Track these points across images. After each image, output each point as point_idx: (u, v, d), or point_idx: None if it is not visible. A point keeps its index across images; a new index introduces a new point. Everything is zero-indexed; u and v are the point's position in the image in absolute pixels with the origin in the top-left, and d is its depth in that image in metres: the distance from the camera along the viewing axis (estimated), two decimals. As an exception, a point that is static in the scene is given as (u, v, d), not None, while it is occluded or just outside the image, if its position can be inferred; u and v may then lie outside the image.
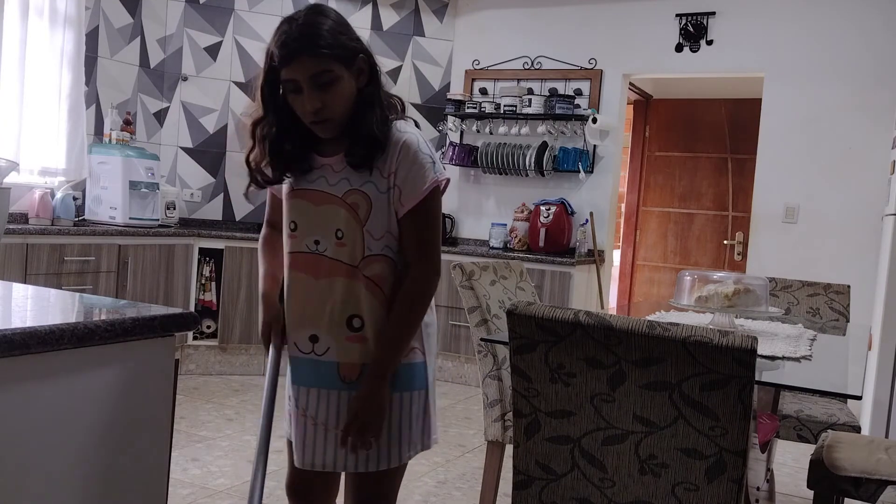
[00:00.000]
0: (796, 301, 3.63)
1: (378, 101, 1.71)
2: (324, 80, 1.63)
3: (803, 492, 3.53)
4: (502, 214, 5.74)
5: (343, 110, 1.68)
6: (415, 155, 1.69)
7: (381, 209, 1.71)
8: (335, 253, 1.73)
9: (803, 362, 2.20)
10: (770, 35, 4.99)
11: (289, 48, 1.63)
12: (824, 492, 2.14)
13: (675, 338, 1.55)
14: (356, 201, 1.70)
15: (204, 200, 5.55)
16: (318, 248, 1.74)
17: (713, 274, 2.64)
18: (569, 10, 5.59)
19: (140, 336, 1.36)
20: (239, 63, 5.53)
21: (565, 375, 1.70)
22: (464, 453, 3.81)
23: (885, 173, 4.44)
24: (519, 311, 1.72)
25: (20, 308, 1.47)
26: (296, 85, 1.65)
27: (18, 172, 4.33)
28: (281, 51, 1.64)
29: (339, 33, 1.66)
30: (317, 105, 1.65)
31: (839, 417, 2.99)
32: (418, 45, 5.84)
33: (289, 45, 1.64)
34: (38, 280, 4.00)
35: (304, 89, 1.64)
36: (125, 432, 1.36)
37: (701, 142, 6.43)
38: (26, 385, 1.20)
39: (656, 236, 6.64)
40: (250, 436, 3.87)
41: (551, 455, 1.75)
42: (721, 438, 1.57)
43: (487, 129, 5.68)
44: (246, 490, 3.17)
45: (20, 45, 4.39)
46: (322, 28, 1.64)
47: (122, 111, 5.05)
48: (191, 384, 4.76)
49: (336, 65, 1.64)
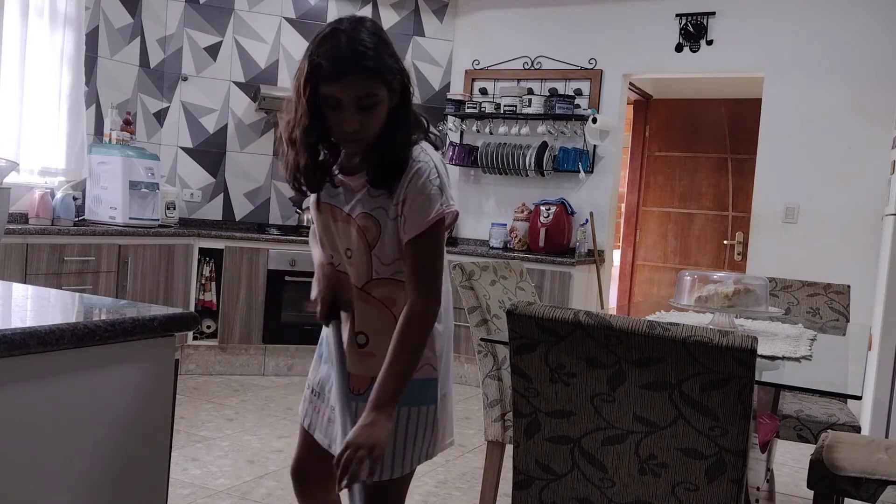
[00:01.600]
0: (796, 301, 3.63)
1: (405, 121, 1.69)
2: (367, 103, 1.60)
3: (803, 492, 3.53)
4: (502, 214, 5.74)
5: (377, 131, 1.65)
6: (423, 185, 1.66)
7: (392, 235, 1.70)
8: (345, 269, 1.78)
9: (803, 362, 2.20)
10: (770, 35, 4.99)
11: (338, 65, 1.57)
12: (824, 492, 2.14)
13: (675, 338, 1.55)
14: (366, 225, 1.70)
15: (204, 200, 5.55)
16: (334, 262, 1.79)
17: (713, 274, 2.64)
18: (569, 10, 5.60)
19: (140, 336, 1.36)
20: (239, 63, 5.53)
21: (565, 375, 1.70)
22: (464, 453, 3.81)
23: (885, 173, 4.44)
24: (519, 311, 1.72)
25: (20, 308, 1.47)
26: (337, 102, 1.60)
27: (18, 172, 4.33)
28: (329, 65, 1.57)
29: (386, 54, 1.63)
30: (356, 126, 1.61)
31: (839, 417, 2.99)
32: (418, 45, 5.84)
33: (338, 61, 1.57)
34: (38, 280, 4.00)
35: (345, 108, 1.60)
36: (125, 432, 1.36)
37: (701, 142, 6.43)
38: (26, 385, 1.20)
39: (656, 236, 6.64)
40: (250, 436, 3.87)
41: (551, 455, 1.75)
42: (721, 438, 1.57)
43: (487, 129, 5.68)
44: (246, 490, 3.17)
45: (20, 45, 4.39)
46: (371, 47, 1.59)
47: (122, 111, 5.05)
48: (191, 384, 4.76)
49: (380, 88, 1.61)
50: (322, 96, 1.60)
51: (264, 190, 5.67)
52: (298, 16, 5.60)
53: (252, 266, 5.04)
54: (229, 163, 5.57)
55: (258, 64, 5.56)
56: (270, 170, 5.66)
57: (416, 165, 1.67)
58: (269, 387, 4.87)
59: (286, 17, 5.59)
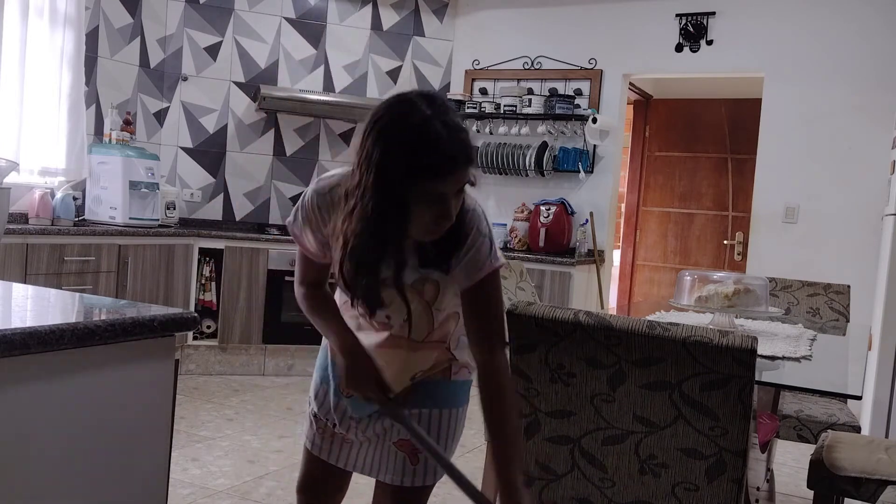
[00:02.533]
0: (796, 301, 3.63)
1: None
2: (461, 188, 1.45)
3: (803, 492, 3.53)
4: (502, 214, 5.74)
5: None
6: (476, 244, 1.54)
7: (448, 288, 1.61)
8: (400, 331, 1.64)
9: (803, 362, 2.20)
10: (770, 35, 4.99)
11: (455, 160, 1.40)
12: (824, 492, 2.14)
13: (675, 338, 1.55)
14: (424, 289, 1.59)
15: (204, 200, 5.55)
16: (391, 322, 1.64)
17: (713, 274, 2.64)
18: (569, 10, 5.59)
19: (140, 336, 1.36)
20: (239, 63, 5.53)
21: (565, 375, 1.69)
22: (464, 453, 3.80)
23: (885, 173, 4.44)
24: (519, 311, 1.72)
25: (20, 308, 1.47)
26: (441, 197, 1.42)
27: (18, 172, 4.33)
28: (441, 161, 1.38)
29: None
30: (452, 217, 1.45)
31: (839, 417, 2.99)
32: (418, 45, 5.84)
33: (454, 155, 1.40)
34: (38, 280, 4.00)
35: (448, 201, 1.43)
36: (125, 432, 1.36)
37: (701, 142, 6.43)
38: (26, 385, 1.20)
39: (656, 236, 6.64)
40: (250, 436, 3.87)
41: (551, 455, 1.75)
42: (721, 438, 1.57)
43: (487, 129, 5.68)
44: (246, 490, 3.17)
45: (20, 45, 4.39)
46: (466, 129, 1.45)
47: (122, 111, 5.05)
48: (191, 384, 4.75)
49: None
50: (424, 192, 1.40)
51: (264, 190, 5.66)
52: (298, 16, 5.60)
53: (252, 266, 5.04)
54: (229, 163, 5.57)
55: (258, 64, 5.56)
56: (270, 170, 5.66)
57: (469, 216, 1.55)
58: (269, 387, 4.87)
59: (286, 17, 5.59)
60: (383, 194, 1.40)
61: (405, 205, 1.41)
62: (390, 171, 1.39)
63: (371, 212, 1.42)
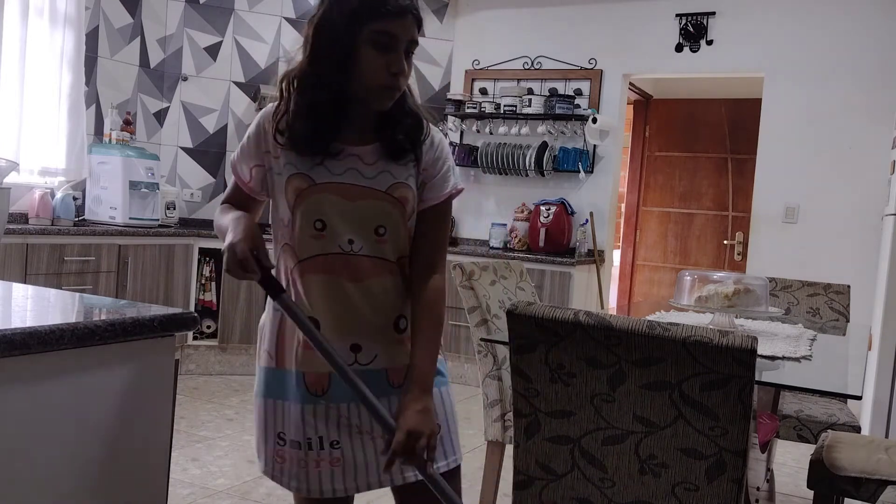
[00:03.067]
0: (796, 301, 3.63)
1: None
2: (411, 49, 1.53)
3: (803, 492, 3.53)
4: (502, 214, 5.74)
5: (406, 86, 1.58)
6: (447, 152, 1.65)
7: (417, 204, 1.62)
8: (374, 250, 1.56)
9: (803, 362, 2.20)
10: (770, 35, 4.99)
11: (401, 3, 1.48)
12: (824, 492, 2.14)
13: (675, 338, 1.55)
14: (404, 195, 1.57)
15: (204, 200, 5.55)
16: (353, 248, 1.54)
17: (713, 274, 2.64)
18: (569, 10, 5.59)
19: (140, 336, 1.36)
20: (239, 63, 5.53)
21: (565, 375, 1.69)
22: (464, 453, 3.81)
23: (885, 173, 4.44)
24: (519, 311, 1.72)
25: (20, 308, 1.47)
26: (390, 40, 1.48)
27: (18, 172, 4.33)
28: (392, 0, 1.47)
29: None
30: (404, 67, 1.51)
31: (839, 417, 2.99)
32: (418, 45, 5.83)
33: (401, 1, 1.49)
34: (38, 280, 4.00)
35: (397, 49, 1.50)
36: (125, 432, 1.36)
37: (701, 142, 6.43)
38: (26, 385, 1.20)
39: (656, 236, 6.64)
40: (250, 436, 3.86)
41: (551, 455, 1.75)
42: (721, 438, 1.57)
43: (487, 129, 5.68)
44: (246, 490, 3.17)
45: (20, 45, 4.39)
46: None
47: (122, 111, 5.05)
48: (191, 384, 4.75)
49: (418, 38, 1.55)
50: (372, 32, 1.47)
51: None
52: (298, 16, 5.60)
53: (252, 266, 5.04)
54: (229, 163, 5.56)
55: (258, 64, 5.56)
56: (270, 170, 5.65)
57: (439, 134, 1.65)
58: (269, 387, 4.86)
59: (286, 17, 5.59)
60: (331, 42, 1.49)
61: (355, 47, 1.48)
62: (336, 20, 1.48)
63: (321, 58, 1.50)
